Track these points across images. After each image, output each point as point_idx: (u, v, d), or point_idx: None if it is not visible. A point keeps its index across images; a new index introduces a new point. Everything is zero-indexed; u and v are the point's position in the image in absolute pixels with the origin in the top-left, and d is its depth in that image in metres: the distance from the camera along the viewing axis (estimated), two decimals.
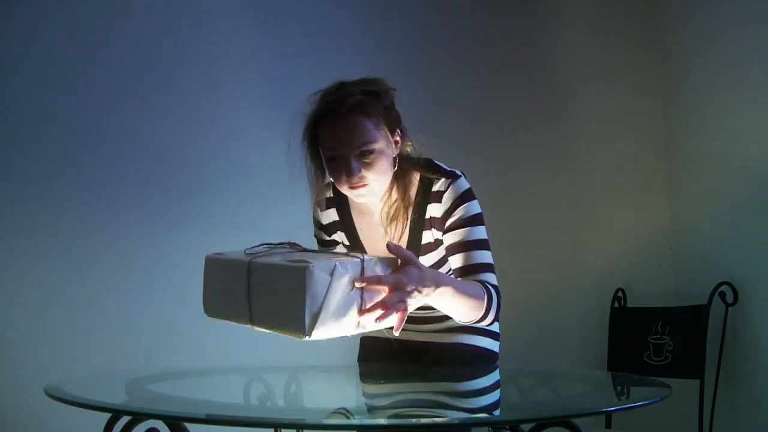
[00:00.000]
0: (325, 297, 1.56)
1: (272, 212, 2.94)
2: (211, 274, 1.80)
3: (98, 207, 2.79)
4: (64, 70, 2.78)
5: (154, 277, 2.82)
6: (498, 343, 2.08)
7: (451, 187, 1.89)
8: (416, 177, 1.92)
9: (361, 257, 1.63)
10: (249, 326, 1.66)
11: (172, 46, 2.92)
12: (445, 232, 1.90)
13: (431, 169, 1.92)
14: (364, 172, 1.80)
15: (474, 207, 1.89)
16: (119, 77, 2.85)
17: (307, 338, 1.56)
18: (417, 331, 2.02)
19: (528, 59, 3.27)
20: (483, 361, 2.03)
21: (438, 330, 2.00)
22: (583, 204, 3.26)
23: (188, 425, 1.51)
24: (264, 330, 1.65)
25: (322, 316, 1.55)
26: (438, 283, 1.70)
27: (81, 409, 1.49)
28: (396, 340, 2.04)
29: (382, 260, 1.67)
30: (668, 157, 3.27)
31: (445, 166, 1.94)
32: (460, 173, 1.92)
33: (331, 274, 1.57)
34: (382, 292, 1.64)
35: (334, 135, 1.80)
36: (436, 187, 1.90)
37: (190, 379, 2.09)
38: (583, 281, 3.22)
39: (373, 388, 1.96)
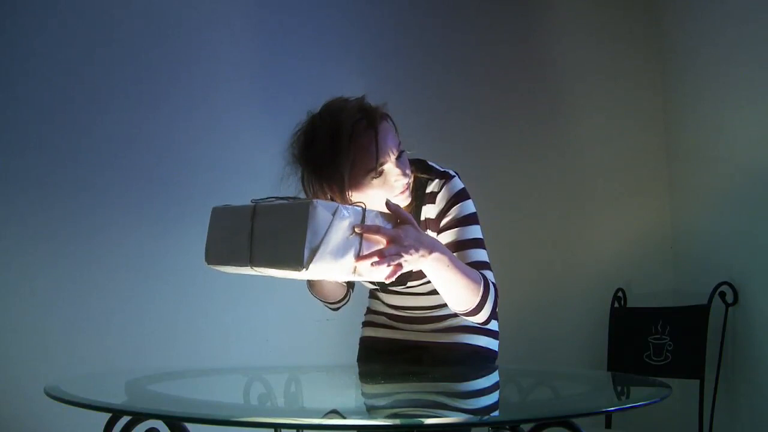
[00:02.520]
0: (325, 234, 1.61)
1: None
2: (215, 223, 1.86)
3: (97, 207, 2.79)
4: (64, 70, 2.79)
5: (153, 277, 2.82)
6: (497, 342, 2.09)
7: (444, 187, 1.89)
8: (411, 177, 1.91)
9: (364, 206, 1.68)
10: (248, 268, 1.70)
11: (172, 46, 2.92)
12: (439, 232, 1.90)
13: (425, 170, 1.92)
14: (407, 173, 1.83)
15: (468, 206, 1.90)
16: (118, 78, 2.85)
17: (304, 271, 1.59)
18: (416, 331, 2.02)
19: (527, 59, 3.27)
20: (483, 360, 2.03)
21: (437, 330, 2.00)
22: (582, 204, 3.26)
23: (188, 425, 1.51)
24: (263, 271, 1.69)
25: (320, 251, 1.59)
26: (434, 248, 1.71)
27: (81, 409, 1.50)
28: (392, 338, 2.05)
29: (383, 215, 1.72)
30: (668, 157, 3.27)
31: (438, 167, 1.94)
32: (453, 173, 1.92)
33: (333, 214, 1.62)
34: (380, 243, 1.67)
35: (376, 148, 1.76)
36: (429, 188, 1.90)
37: (190, 379, 2.09)
38: (583, 281, 3.22)
39: (372, 388, 1.96)
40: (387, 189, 1.81)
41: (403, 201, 1.85)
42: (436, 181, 1.90)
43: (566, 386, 2.05)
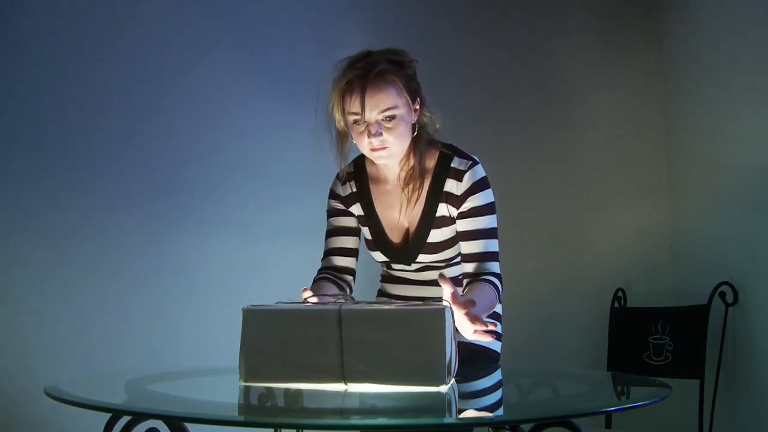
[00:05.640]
0: (451, 342, 1.56)
1: (274, 210, 2.95)
2: (255, 329, 1.64)
3: (99, 209, 2.79)
4: (64, 70, 2.79)
5: (154, 277, 2.82)
6: (500, 343, 2.10)
7: (471, 169, 2.00)
8: (435, 151, 2.03)
9: (449, 304, 1.62)
10: (330, 384, 1.59)
11: (172, 44, 2.92)
12: (461, 215, 1.99)
13: (450, 148, 2.05)
14: (385, 135, 1.92)
15: (490, 195, 2.01)
16: (119, 77, 2.85)
17: (443, 388, 1.53)
18: None
19: (528, 62, 3.27)
20: (485, 359, 2.04)
21: None
22: (583, 204, 3.26)
23: (188, 425, 1.51)
24: (364, 384, 1.59)
25: (452, 359, 1.55)
26: (485, 310, 1.87)
27: (81, 409, 1.50)
28: None
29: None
30: (668, 157, 3.27)
31: (465, 150, 2.05)
32: (478, 159, 2.03)
33: (451, 316, 1.57)
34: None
35: (360, 100, 1.90)
36: (454, 164, 2.01)
37: (190, 379, 2.09)
38: (583, 281, 3.22)
39: (372, 388, 1.95)
40: (357, 139, 1.96)
41: (379, 159, 1.97)
42: (463, 160, 2.02)
43: (566, 386, 2.05)
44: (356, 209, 2.11)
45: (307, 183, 2.86)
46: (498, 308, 2.04)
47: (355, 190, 2.10)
